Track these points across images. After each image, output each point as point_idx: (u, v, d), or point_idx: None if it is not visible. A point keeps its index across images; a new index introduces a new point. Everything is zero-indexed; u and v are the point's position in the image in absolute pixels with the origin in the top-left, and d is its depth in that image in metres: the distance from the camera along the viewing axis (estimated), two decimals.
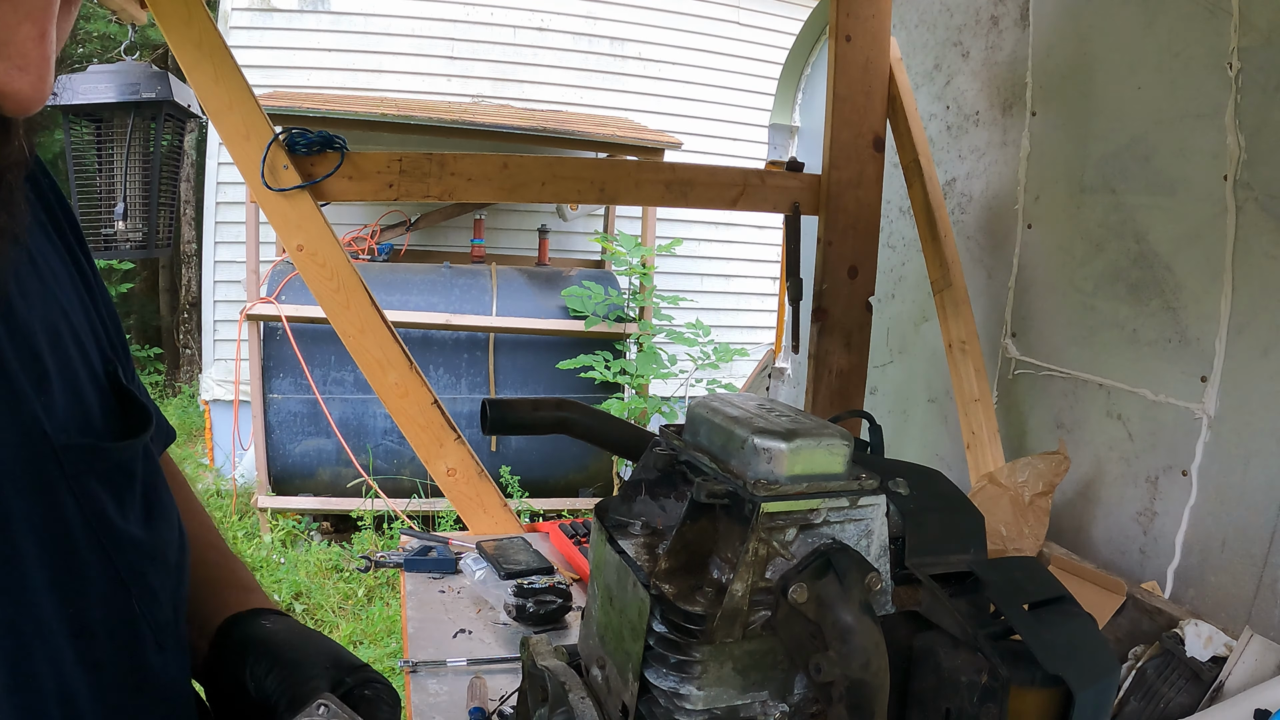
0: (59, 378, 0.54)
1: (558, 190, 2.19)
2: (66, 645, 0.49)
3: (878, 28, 2.27)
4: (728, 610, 0.45)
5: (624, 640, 0.49)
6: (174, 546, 0.62)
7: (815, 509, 0.47)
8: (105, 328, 0.65)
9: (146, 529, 0.58)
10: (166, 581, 0.59)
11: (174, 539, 0.62)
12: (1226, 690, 1.41)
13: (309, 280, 1.97)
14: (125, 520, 0.56)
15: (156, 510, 0.60)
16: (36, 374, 0.52)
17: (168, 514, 0.62)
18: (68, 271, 0.63)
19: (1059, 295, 2.26)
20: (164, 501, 0.62)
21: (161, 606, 0.58)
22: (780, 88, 3.76)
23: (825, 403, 2.33)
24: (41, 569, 0.49)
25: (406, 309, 5.06)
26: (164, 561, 0.59)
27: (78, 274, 0.64)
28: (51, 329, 0.56)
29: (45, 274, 0.59)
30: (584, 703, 0.55)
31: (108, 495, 0.55)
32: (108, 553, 0.53)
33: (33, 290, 0.56)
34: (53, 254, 0.62)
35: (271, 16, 6.07)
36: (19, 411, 0.50)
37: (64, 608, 0.50)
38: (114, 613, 0.53)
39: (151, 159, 3.40)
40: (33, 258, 0.58)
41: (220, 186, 6.07)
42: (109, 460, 0.56)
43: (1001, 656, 0.45)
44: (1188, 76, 1.86)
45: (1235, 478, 1.76)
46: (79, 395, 0.57)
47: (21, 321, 0.53)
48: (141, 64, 2.96)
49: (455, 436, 2.07)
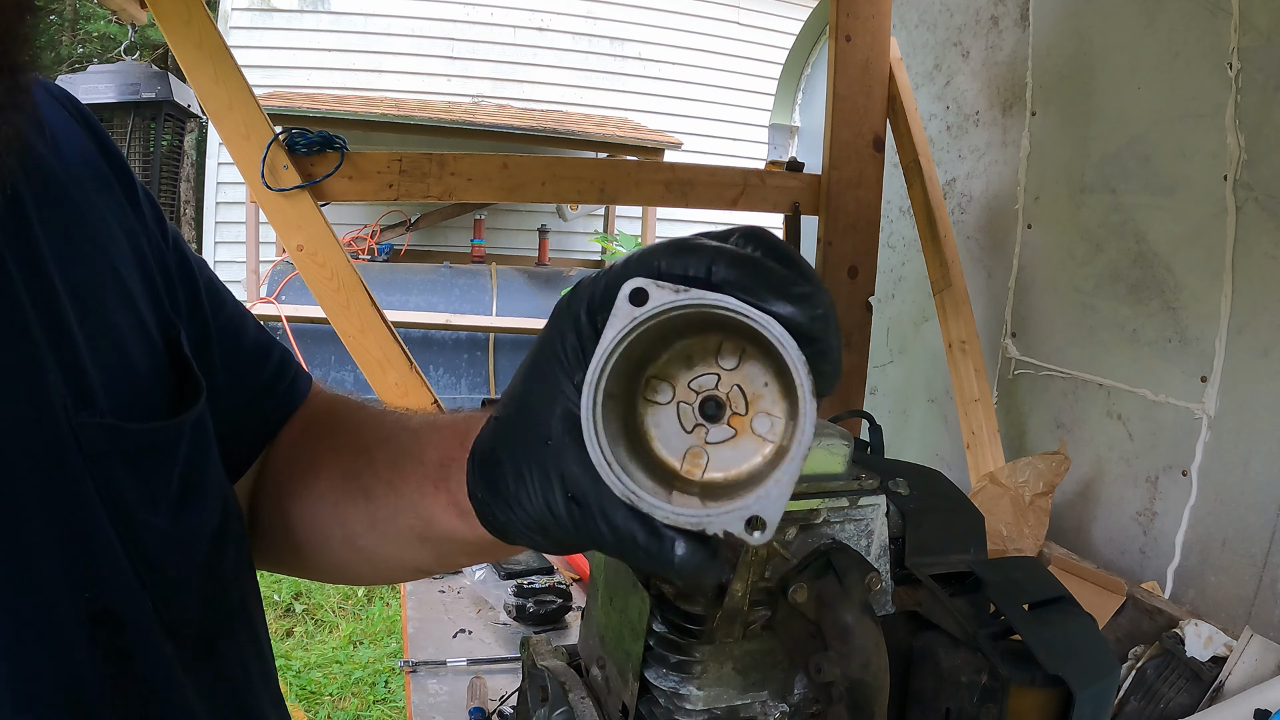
0: (93, 345, 0.49)
1: (558, 190, 2.19)
2: (81, 638, 0.46)
3: (878, 28, 2.27)
4: (728, 610, 0.45)
5: (624, 640, 0.49)
6: (207, 535, 0.56)
7: (815, 509, 0.47)
8: (171, 288, 0.59)
9: (175, 516, 0.53)
10: (192, 577, 0.54)
11: (210, 526, 0.56)
12: (1226, 690, 1.41)
13: (309, 280, 1.97)
14: (151, 506, 0.51)
15: (195, 495, 0.55)
16: (63, 342, 0.47)
17: (208, 498, 0.56)
18: (123, 225, 0.56)
19: (1059, 295, 2.26)
20: (207, 484, 0.56)
21: (182, 600, 0.52)
22: (780, 88, 3.76)
23: (825, 403, 2.32)
24: (52, 550, 0.45)
25: (406, 309, 5.06)
26: (191, 552, 0.54)
27: (139, 227, 0.58)
28: (92, 289, 0.51)
29: (97, 226, 0.54)
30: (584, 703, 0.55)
31: (132, 479, 0.50)
32: (124, 541, 0.49)
33: (73, 245, 0.51)
34: (105, 202, 0.56)
35: (271, 16, 6.07)
36: (36, 385, 0.46)
37: (78, 592, 0.46)
38: (135, 606, 0.49)
39: (151, 159, 3.40)
40: (79, 206, 0.53)
41: (220, 186, 6.07)
42: (137, 441, 0.51)
43: (1001, 656, 0.45)
44: (1188, 76, 1.86)
45: (1235, 478, 1.76)
46: (122, 368, 0.52)
47: (50, 281, 0.48)
48: (141, 64, 2.97)
49: None
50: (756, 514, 0.31)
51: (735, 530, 0.31)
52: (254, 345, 0.69)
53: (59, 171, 0.53)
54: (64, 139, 0.55)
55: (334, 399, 0.73)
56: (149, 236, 0.59)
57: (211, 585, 0.56)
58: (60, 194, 0.52)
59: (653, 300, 0.32)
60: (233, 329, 0.66)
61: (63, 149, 0.54)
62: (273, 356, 0.70)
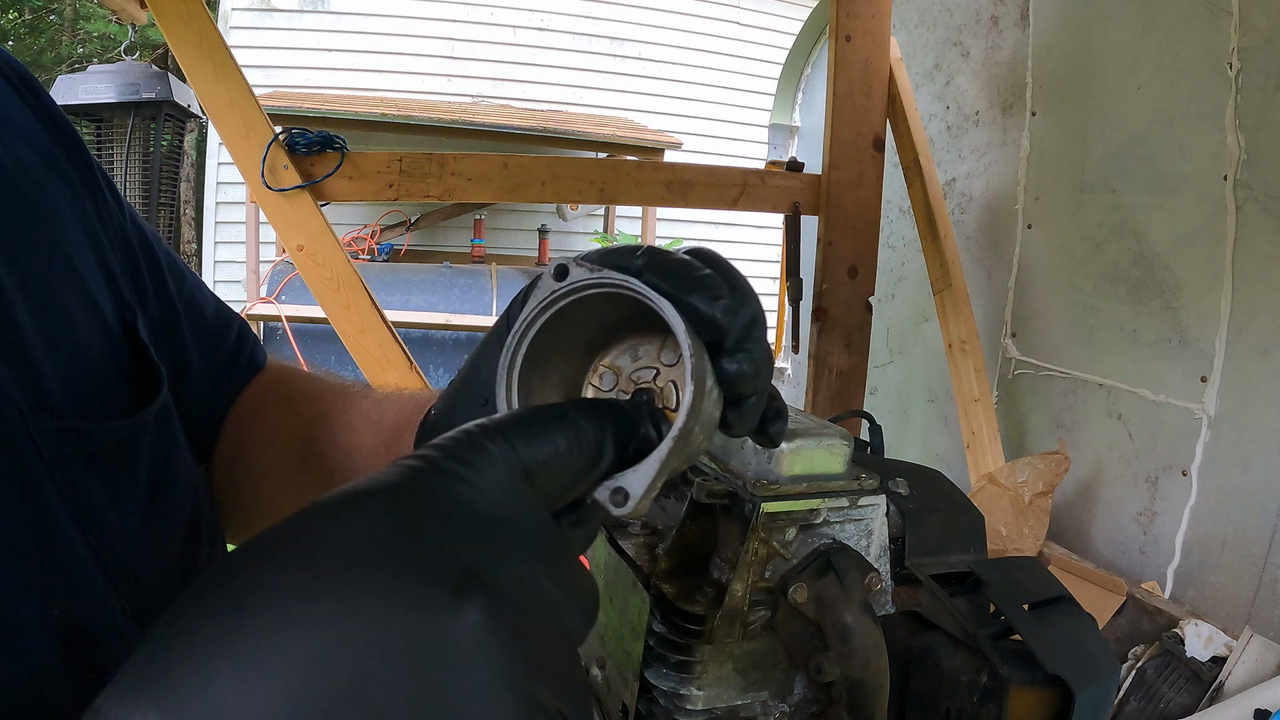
0: (47, 341, 0.46)
1: (558, 190, 2.19)
2: (52, 652, 0.43)
3: (878, 28, 2.27)
4: (728, 610, 0.45)
5: (624, 640, 0.49)
6: (180, 532, 0.53)
7: (815, 509, 0.47)
8: (124, 268, 0.55)
9: (146, 517, 0.50)
10: (167, 577, 0.51)
11: (182, 524, 0.54)
12: (1226, 690, 1.41)
13: (309, 280, 1.97)
14: (121, 509, 0.48)
15: (164, 492, 0.52)
16: (11, 341, 0.44)
17: (177, 495, 0.54)
18: (75, 207, 0.52)
19: (1059, 295, 2.26)
20: (175, 477, 0.54)
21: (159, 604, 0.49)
22: (780, 88, 3.76)
23: (825, 403, 2.33)
24: (13, 568, 0.42)
25: (406, 309, 5.06)
26: (164, 555, 0.52)
27: (91, 207, 0.54)
28: (42, 280, 0.47)
29: (46, 212, 0.50)
30: None
31: (99, 482, 0.47)
32: (94, 549, 0.46)
33: (19, 233, 0.47)
34: (56, 186, 0.52)
35: (271, 16, 6.07)
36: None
37: (46, 611, 0.43)
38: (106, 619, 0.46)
39: (151, 159, 3.41)
40: (25, 194, 0.49)
41: (220, 186, 6.07)
42: (101, 441, 0.47)
43: (1001, 656, 0.45)
44: (1188, 76, 1.86)
45: (1235, 478, 1.76)
46: (79, 364, 0.48)
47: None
48: (141, 64, 2.97)
49: None
50: (621, 485, 0.33)
51: (602, 499, 0.33)
52: (216, 318, 0.66)
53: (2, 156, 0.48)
54: (3, 117, 0.51)
55: (286, 368, 0.71)
56: (106, 215, 0.55)
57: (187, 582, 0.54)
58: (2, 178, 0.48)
59: (571, 276, 0.35)
60: (196, 304, 0.64)
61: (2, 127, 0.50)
62: (234, 327, 0.68)
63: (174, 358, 0.60)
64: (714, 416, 0.36)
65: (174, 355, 0.61)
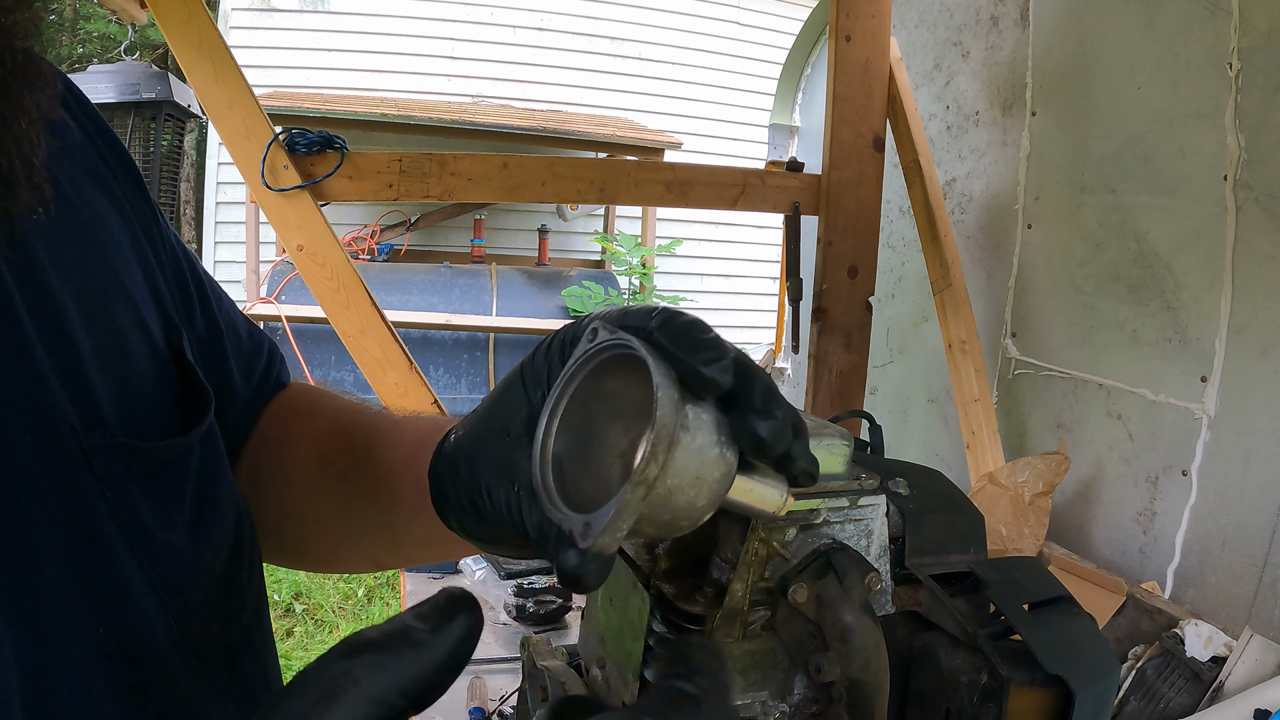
0: (100, 359, 0.46)
1: (558, 190, 2.19)
2: (96, 670, 0.43)
3: (878, 28, 2.27)
4: (728, 610, 0.45)
5: (624, 640, 0.49)
6: (224, 552, 0.53)
7: (815, 509, 0.47)
8: (170, 288, 0.55)
9: (193, 535, 0.50)
10: (212, 595, 0.52)
11: (225, 543, 0.54)
12: (1226, 690, 1.41)
13: (309, 280, 1.97)
14: (169, 527, 0.48)
15: (210, 511, 0.52)
16: (68, 357, 0.44)
17: (222, 513, 0.54)
18: (124, 224, 0.53)
19: (1059, 295, 2.26)
20: (220, 498, 0.54)
21: (204, 621, 0.50)
22: (780, 88, 3.76)
23: (825, 403, 2.33)
24: (62, 585, 0.42)
25: (406, 309, 5.06)
26: (210, 572, 0.52)
27: (139, 226, 0.54)
28: (96, 298, 0.47)
29: (94, 230, 0.50)
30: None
31: (148, 500, 0.47)
32: (143, 566, 0.46)
33: (73, 251, 0.47)
34: (104, 204, 0.52)
35: (271, 16, 6.07)
36: (40, 406, 0.42)
37: (92, 628, 0.43)
38: (155, 633, 0.46)
39: (151, 159, 3.41)
40: (77, 210, 0.49)
41: (220, 186, 6.07)
42: (151, 460, 0.48)
43: (1001, 656, 0.45)
44: (1188, 76, 1.86)
45: (1235, 478, 1.76)
46: (131, 381, 0.48)
47: (50, 292, 0.44)
48: (141, 64, 2.97)
49: None
50: (588, 521, 0.35)
51: (576, 530, 0.35)
52: (249, 338, 0.67)
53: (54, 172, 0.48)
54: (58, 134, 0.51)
55: (306, 386, 0.72)
56: (158, 234, 0.56)
57: (230, 601, 0.54)
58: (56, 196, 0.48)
59: (599, 337, 0.39)
60: (233, 324, 0.65)
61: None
62: (265, 347, 0.69)
63: (217, 377, 0.61)
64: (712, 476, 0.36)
65: (218, 375, 0.61)
